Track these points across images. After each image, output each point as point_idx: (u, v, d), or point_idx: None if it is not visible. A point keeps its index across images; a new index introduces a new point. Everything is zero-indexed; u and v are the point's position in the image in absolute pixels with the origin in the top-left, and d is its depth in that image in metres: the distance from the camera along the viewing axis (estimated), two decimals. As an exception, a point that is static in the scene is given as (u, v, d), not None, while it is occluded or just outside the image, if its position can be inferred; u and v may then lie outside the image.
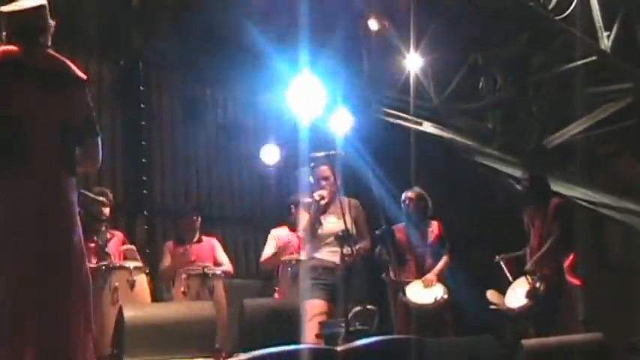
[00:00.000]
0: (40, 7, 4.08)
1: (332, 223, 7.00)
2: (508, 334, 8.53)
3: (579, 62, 9.56)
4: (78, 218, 3.95)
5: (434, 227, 8.14)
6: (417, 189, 8.29)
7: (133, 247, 7.95)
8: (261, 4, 9.57)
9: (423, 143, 10.33)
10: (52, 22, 4.11)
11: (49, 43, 4.12)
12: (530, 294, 7.54)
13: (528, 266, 7.77)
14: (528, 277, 7.67)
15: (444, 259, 8.02)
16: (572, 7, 8.90)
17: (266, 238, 8.60)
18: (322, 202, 7.02)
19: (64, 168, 3.92)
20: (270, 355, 3.97)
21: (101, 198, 7.34)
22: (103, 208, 7.55)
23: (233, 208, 10.98)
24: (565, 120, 10.28)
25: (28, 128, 3.80)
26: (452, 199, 9.69)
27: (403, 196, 8.20)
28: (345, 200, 6.96)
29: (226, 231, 10.48)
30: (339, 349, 4.27)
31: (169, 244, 8.59)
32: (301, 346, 4.98)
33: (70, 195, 3.93)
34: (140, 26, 9.80)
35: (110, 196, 7.70)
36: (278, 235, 8.55)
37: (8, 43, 3.98)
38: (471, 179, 10.74)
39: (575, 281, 8.24)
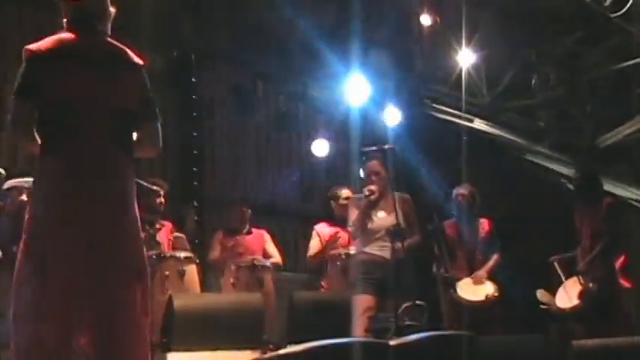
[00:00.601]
0: None
1: (382, 218, 6.98)
2: (554, 335, 8.44)
3: (634, 61, 9.42)
4: (135, 204, 3.93)
5: (484, 224, 8.10)
6: (468, 186, 8.25)
7: (183, 235, 7.97)
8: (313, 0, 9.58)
9: (473, 140, 10.26)
10: (112, 10, 4.12)
11: (108, 30, 4.12)
12: (583, 295, 7.45)
13: (580, 267, 7.69)
14: (580, 277, 7.60)
15: (495, 257, 7.97)
16: (629, 5, 8.75)
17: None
18: (372, 197, 6.99)
19: (121, 152, 3.91)
20: (322, 347, 3.93)
21: (156, 188, 7.34)
22: (158, 199, 7.57)
23: (283, 201, 10.96)
24: (618, 119, 10.13)
25: (83, 114, 3.80)
26: (502, 196, 9.60)
27: (455, 192, 8.16)
28: (396, 195, 6.93)
29: (276, 224, 10.48)
30: (391, 343, 4.21)
31: (219, 234, 8.62)
32: (353, 339, 4.96)
33: (128, 180, 3.91)
34: (192, 17, 9.82)
35: (165, 187, 7.71)
36: (321, 230, 8.53)
37: (68, 30, 3.98)
38: (522, 177, 10.63)
39: (627, 283, 8.14)
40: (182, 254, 7.34)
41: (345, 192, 8.34)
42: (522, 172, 10.67)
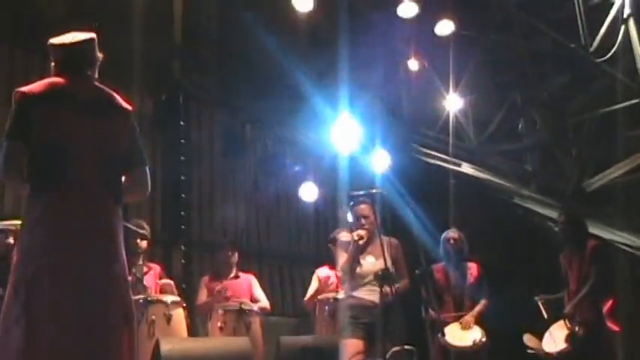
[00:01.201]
0: (90, 40, 4.14)
1: (371, 263, 6.97)
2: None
3: (620, 105, 9.49)
4: (123, 247, 3.93)
5: (473, 269, 8.12)
6: (456, 230, 8.27)
7: (171, 281, 7.93)
8: (302, 45, 9.63)
9: (461, 184, 10.29)
10: (100, 55, 4.15)
11: (97, 75, 4.15)
12: (570, 338, 7.43)
13: (567, 310, 7.67)
14: (566, 321, 7.58)
15: (483, 302, 7.99)
16: (614, 50, 8.84)
17: (303, 275, 8.57)
18: (361, 242, 6.97)
19: (110, 196, 3.92)
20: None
21: (139, 230, 7.33)
22: (140, 241, 7.55)
23: (270, 245, 10.94)
24: (605, 163, 10.17)
25: (73, 156, 3.83)
26: (489, 240, 9.60)
27: (444, 236, 8.17)
28: (385, 239, 6.90)
29: (263, 268, 10.48)
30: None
31: (206, 278, 8.60)
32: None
33: (116, 223, 3.92)
34: (181, 61, 9.86)
35: (147, 229, 7.69)
36: (320, 274, 8.55)
37: (56, 74, 4.01)
38: (509, 221, 10.64)
39: (615, 327, 8.12)
40: (169, 298, 7.28)
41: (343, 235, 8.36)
42: (511, 216, 10.67)
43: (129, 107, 4.13)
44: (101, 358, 3.72)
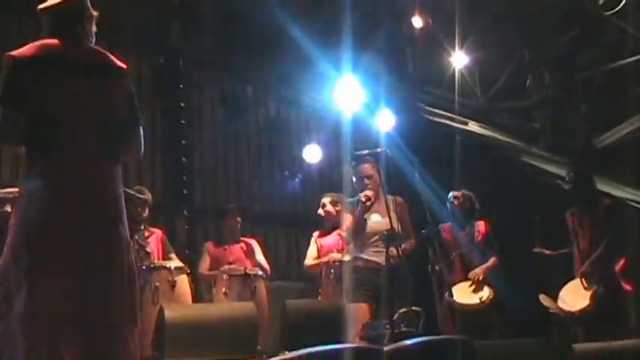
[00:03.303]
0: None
1: (377, 221, 6.98)
2: (556, 339, 8.43)
3: (630, 59, 9.43)
4: (124, 209, 3.94)
5: (480, 227, 8.16)
6: (464, 190, 8.28)
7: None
8: (304, 3, 9.59)
9: (468, 142, 10.28)
10: (94, 13, 4.13)
11: (92, 36, 4.13)
12: (594, 296, 7.45)
13: (583, 269, 7.68)
14: (584, 280, 7.60)
15: (492, 259, 8.02)
16: (623, 2, 8.78)
17: (308, 239, 8.56)
18: (368, 204, 6.99)
19: (108, 157, 3.93)
20: (316, 353, 3.94)
21: (141, 195, 7.32)
22: (140, 208, 7.57)
23: (275, 209, 10.96)
24: (615, 119, 10.13)
25: (67, 119, 3.82)
26: (497, 199, 9.59)
27: (450, 196, 8.19)
28: (390, 198, 6.92)
29: (268, 232, 10.50)
30: (385, 348, 4.23)
31: (208, 245, 8.66)
32: (346, 345, 4.96)
33: (116, 185, 3.93)
34: (179, 23, 9.83)
35: (149, 195, 7.69)
36: (319, 237, 8.50)
37: (49, 36, 3.99)
38: (517, 179, 10.63)
39: (627, 286, 8.13)
40: (173, 264, 7.33)
41: (326, 199, 8.35)
42: (518, 175, 10.66)
43: (124, 67, 4.11)
44: (104, 322, 3.75)
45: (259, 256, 8.62)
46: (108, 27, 4.28)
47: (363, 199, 6.96)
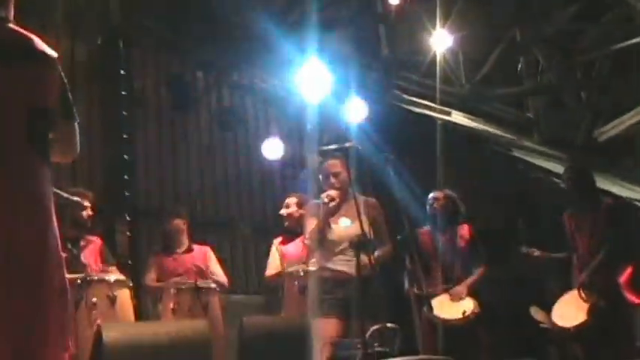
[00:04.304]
0: None
1: (345, 226, 6.97)
2: (553, 358, 8.52)
3: (637, 39, 9.51)
4: (54, 216, 3.96)
5: (464, 232, 8.16)
6: (446, 190, 8.31)
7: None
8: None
9: (451, 135, 10.34)
10: None
11: (11, 16, 4.14)
12: (591, 310, 7.53)
13: (581, 279, 7.76)
14: (581, 291, 7.69)
15: (479, 270, 8.02)
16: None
17: (269, 247, 8.60)
18: (332, 205, 7.00)
19: (36, 156, 3.94)
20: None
21: (78, 199, 7.32)
22: (85, 212, 7.57)
23: (230, 213, 10.99)
24: (620, 108, 10.23)
25: None
26: (484, 199, 9.67)
27: (430, 196, 8.22)
28: (361, 199, 6.93)
29: (222, 239, 10.52)
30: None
31: (155, 254, 8.65)
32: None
33: (45, 188, 3.94)
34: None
35: (90, 197, 7.70)
36: (280, 245, 8.56)
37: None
38: (508, 177, 10.71)
39: (634, 298, 8.22)
40: (112, 277, 7.33)
41: (292, 199, 8.42)
42: (509, 172, 10.74)
43: (54, 53, 4.12)
44: (26, 348, 3.77)
45: (214, 267, 8.62)
46: (35, 1, 4.28)
47: (326, 200, 6.96)
